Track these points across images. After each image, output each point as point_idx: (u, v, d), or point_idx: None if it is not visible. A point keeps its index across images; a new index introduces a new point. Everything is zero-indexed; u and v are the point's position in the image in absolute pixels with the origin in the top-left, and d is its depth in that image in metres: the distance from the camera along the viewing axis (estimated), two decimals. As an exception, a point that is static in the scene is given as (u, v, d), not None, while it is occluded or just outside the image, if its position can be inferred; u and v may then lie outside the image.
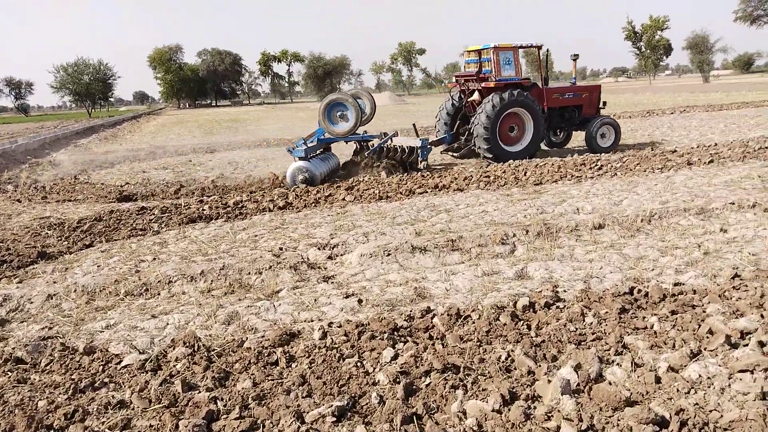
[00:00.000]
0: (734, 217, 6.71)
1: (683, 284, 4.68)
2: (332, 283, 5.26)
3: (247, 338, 4.05)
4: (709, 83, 75.77)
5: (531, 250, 6.00)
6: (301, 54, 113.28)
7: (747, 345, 3.43)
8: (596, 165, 10.91)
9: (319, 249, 6.30)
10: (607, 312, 4.09)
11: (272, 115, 49.82)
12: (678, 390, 3.02)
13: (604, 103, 14.56)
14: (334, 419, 2.93)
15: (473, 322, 4.05)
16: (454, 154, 13.77)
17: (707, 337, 3.66)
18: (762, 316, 3.88)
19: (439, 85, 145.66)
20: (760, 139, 13.21)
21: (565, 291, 4.72)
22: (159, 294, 5.19)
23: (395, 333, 3.95)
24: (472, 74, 13.29)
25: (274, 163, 14.79)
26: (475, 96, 12.95)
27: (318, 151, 11.68)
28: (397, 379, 3.28)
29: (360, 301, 4.71)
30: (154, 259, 6.26)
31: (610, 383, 3.17)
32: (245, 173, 13.13)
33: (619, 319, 3.97)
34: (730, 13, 73.51)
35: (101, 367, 3.71)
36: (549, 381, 3.08)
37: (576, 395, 3.02)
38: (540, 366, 3.38)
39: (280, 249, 6.37)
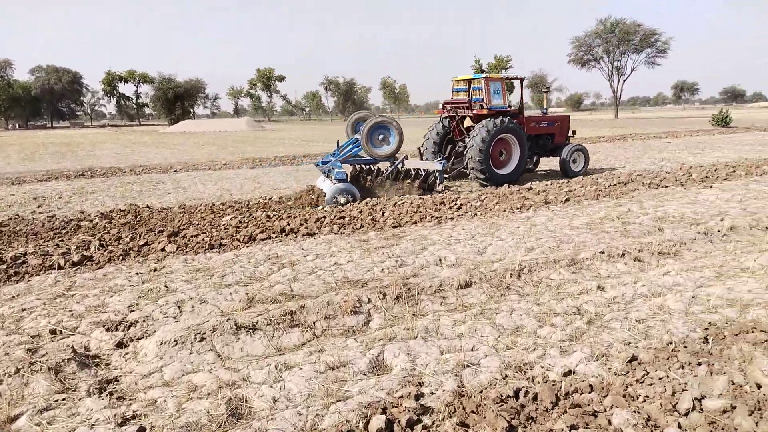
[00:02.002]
0: (606, 269, 6.10)
1: (574, 373, 3.74)
2: (108, 394, 3.62)
3: None
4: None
5: (389, 320, 4.83)
6: (150, 75, 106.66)
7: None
8: (456, 204, 10.24)
9: (107, 330, 4.61)
10: (490, 435, 2.97)
11: (113, 138, 45.32)
12: None
13: (573, 132, 15.68)
14: None
15: (304, 472, 2.70)
16: (445, 176, 13.89)
17: (624, 474, 2.65)
18: (680, 426, 2.98)
19: (300, 113, 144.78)
20: (607, 175, 13.51)
21: (432, 392, 3.55)
22: None
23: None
24: (462, 101, 14.03)
25: (92, 198, 12.48)
26: (467, 122, 13.84)
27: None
28: None
29: (141, 432, 3.16)
30: None
31: None
32: (50, 212, 10.73)
33: (506, 447, 2.86)
34: (564, 56, 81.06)
35: None
36: None
37: None
38: None
39: (52, 332, 4.58)
